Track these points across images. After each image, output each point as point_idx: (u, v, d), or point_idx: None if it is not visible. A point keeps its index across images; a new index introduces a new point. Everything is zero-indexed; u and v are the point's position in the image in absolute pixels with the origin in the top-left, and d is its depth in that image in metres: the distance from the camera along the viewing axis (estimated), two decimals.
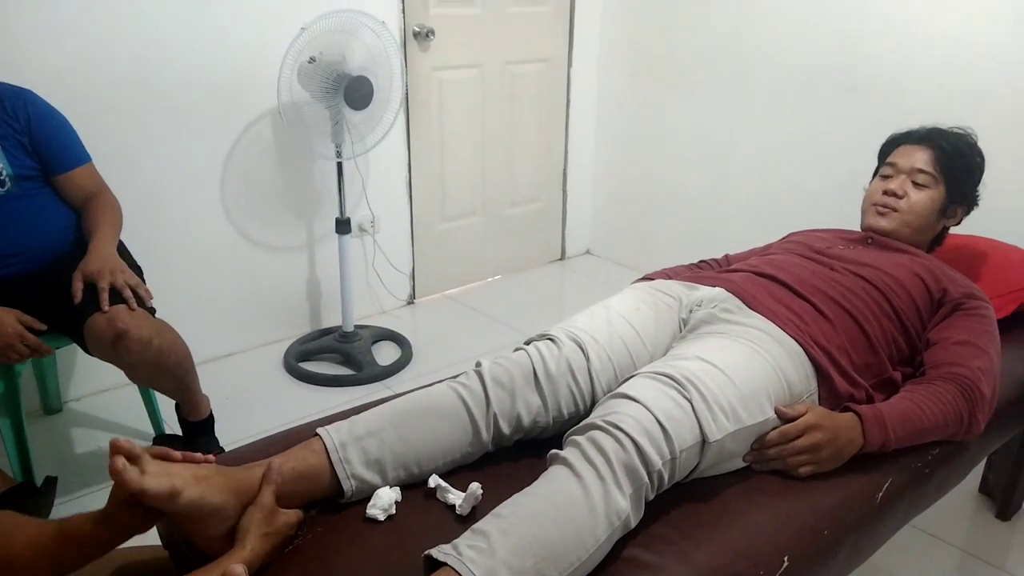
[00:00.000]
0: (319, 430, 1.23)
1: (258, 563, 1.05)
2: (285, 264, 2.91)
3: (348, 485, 1.19)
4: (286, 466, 1.16)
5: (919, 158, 1.75)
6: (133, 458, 1.00)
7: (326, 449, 1.20)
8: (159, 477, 1.01)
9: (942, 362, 1.46)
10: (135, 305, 1.77)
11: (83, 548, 1.04)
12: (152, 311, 1.84)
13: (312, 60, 2.38)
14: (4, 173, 1.84)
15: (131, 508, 1.03)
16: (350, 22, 2.40)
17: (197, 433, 2.07)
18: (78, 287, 1.76)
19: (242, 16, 2.53)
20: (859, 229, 1.83)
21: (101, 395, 2.55)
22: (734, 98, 3.14)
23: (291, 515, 1.13)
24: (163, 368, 1.85)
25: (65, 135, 1.96)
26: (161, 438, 2.16)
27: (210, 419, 2.10)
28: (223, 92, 2.58)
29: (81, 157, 1.98)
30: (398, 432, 1.24)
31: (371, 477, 1.21)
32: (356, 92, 2.41)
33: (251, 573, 1.02)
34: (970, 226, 1.89)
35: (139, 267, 1.99)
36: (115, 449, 0.99)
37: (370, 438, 1.22)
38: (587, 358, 1.37)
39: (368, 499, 1.21)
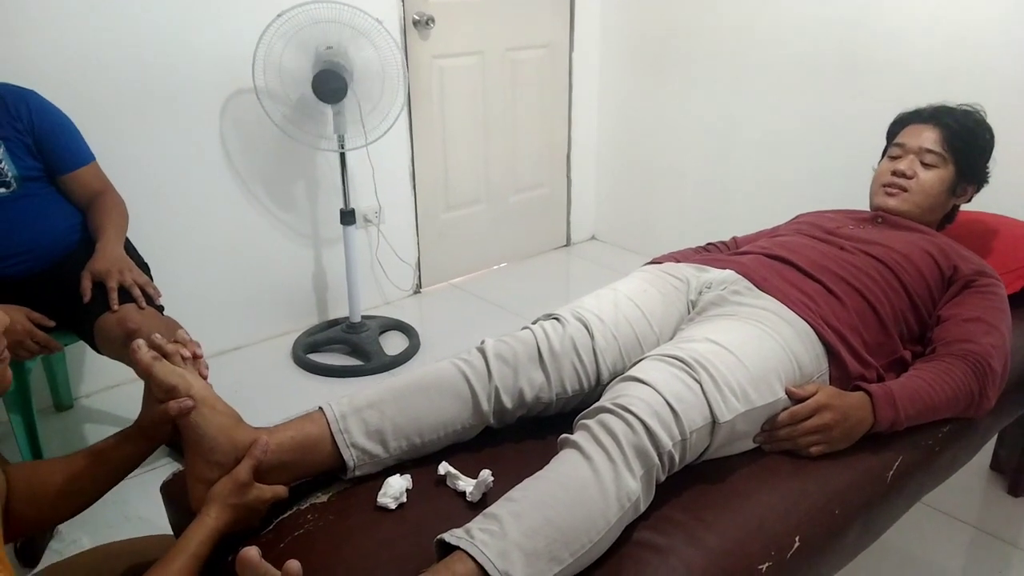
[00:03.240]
0: (321, 404, 1.25)
1: (221, 532, 1.06)
2: (291, 256, 2.91)
3: (348, 455, 1.20)
4: (285, 435, 1.18)
5: (927, 138, 1.73)
6: (161, 351, 1.11)
7: (327, 421, 1.22)
8: (171, 371, 1.09)
9: (952, 339, 1.45)
10: (144, 304, 1.78)
11: (114, 464, 1.12)
12: (161, 309, 1.85)
13: (329, 48, 2.37)
14: (9, 174, 1.84)
15: (156, 420, 1.09)
16: (331, 12, 2.38)
17: None
18: (87, 286, 1.77)
19: (242, 9, 2.52)
20: (868, 209, 1.82)
21: (111, 391, 2.56)
22: (737, 80, 3.12)
23: (266, 491, 1.13)
24: None
25: (69, 135, 1.96)
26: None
27: None
28: (225, 86, 2.57)
29: (85, 157, 1.98)
30: (398, 404, 1.25)
31: (372, 447, 1.22)
32: (325, 86, 2.36)
33: (214, 541, 1.05)
34: (980, 202, 1.87)
35: (146, 264, 1.99)
36: (150, 341, 1.08)
37: (370, 409, 1.24)
38: (592, 336, 1.37)
39: (378, 487, 1.21)
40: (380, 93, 2.49)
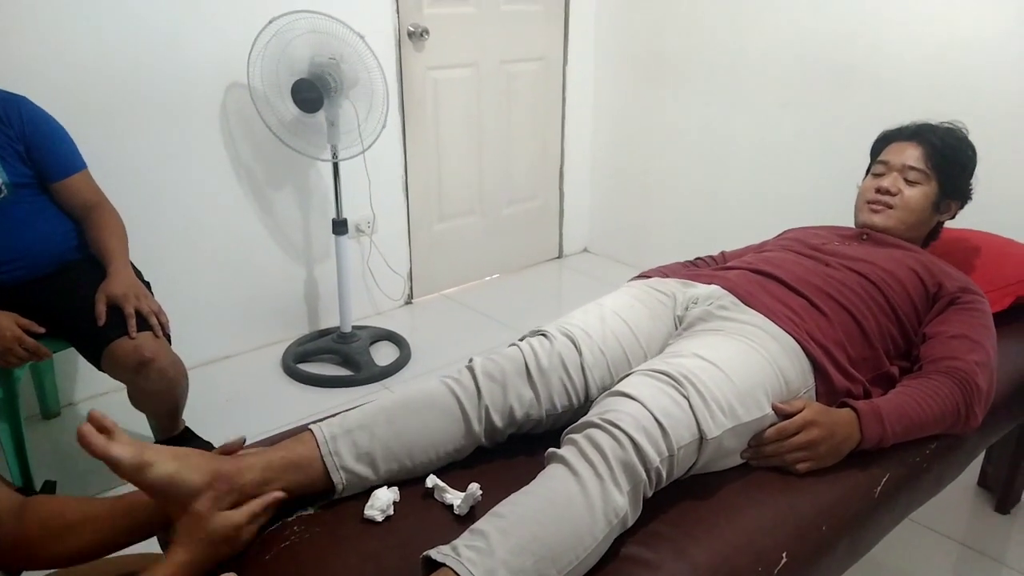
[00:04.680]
0: (311, 425, 1.24)
1: (196, 567, 1.03)
2: (283, 265, 2.91)
3: (338, 477, 1.20)
4: (275, 455, 1.17)
5: (910, 155, 1.75)
6: (104, 429, 1.01)
7: (316, 443, 1.21)
8: (127, 446, 1.02)
9: (938, 356, 1.46)
10: (160, 333, 1.81)
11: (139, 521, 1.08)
12: (169, 339, 1.86)
13: (332, 59, 2.39)
14: (0, 180, 1.83)
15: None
16: (319, 23, 2.40)
17: (181, 442, 2.08)
18: (102, 310, 1.79)
19: (235, 17, 2.52)
20: (853, 226, 1.84)
21: (99, 398, 2.55)
22: (729, 94, 3.14)
23: (235, 515, 1.09)
24: (168, 397, 1.90)
25: (60, 142, 1.96)
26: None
27: (187, 429, 2.11)
28: (218, 95, 2.58)
29: (76, 164, 1.98)
30: (389, 425, 1.25)
31: (361, 470, 1.21)
32: (299, 95, 2.40)
33: None
34: (965, 219, 1.89)
35: (147, 283, 2.00)
36: (90, 418, 1.01)
37: (360, 431, 1.23)
38: (579, 352, 1.38)
39: (366, 499, 1.21)
40: (369, 106, 2.50)
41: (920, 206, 1.74)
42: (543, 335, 1.42)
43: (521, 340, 1.43)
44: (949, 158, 1.74)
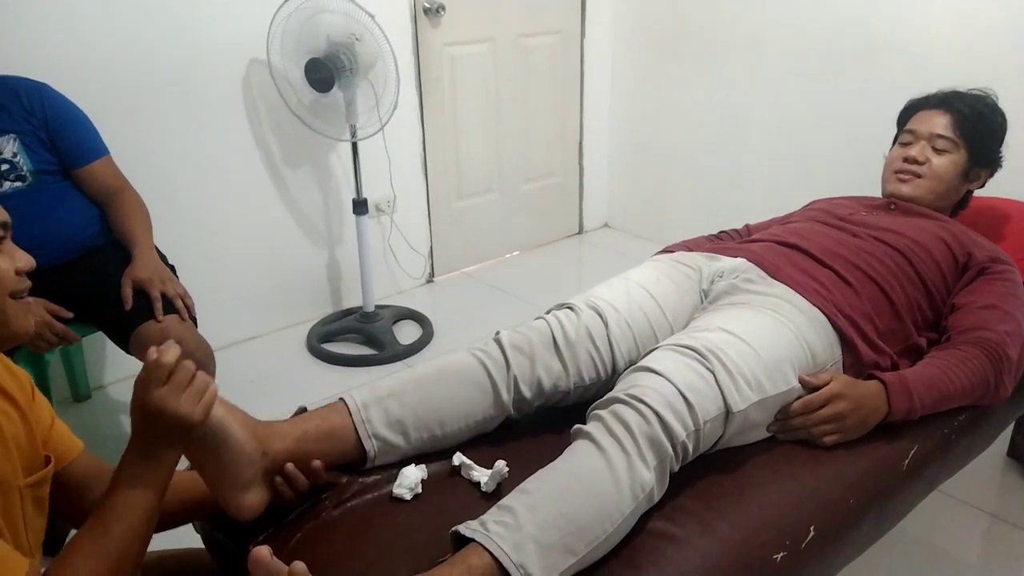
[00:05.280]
0: (343, 395, 1.25)
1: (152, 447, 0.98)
2: (305, 247, 2.93)
3: (370, 445, 1.21)
4: (310, 424, 1.18)
5: (938, 123, 1.72)
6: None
7: (349, 411, 1.22)
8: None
9: (968, 327, 1.44)
10: (186, 316, 1.82)
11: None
12: (195, 321, 1.88)
13: (356, 37, 2.38)
14: (25, 168, 1.85)
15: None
16: (332, 2, 2.39)
17: None
18: (128, 293, 1.81)
19: (255, 1, 2.52)
20: (880, 196, 1.81)
21: (129, 381, 2.58)
22: (750, 66, 3.10)
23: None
24: None
25: (82, 129, 1.97)
26: None
27: None
28: (236, 76, 2.58)
29: (98, 150, 1.99)
30: (419, 394, 1.26)
31: (393, 437, 1.22)
32: (312, 75, 2.40)
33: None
34: (993, 187, 1.85)
35: (172, 266, 2.02)
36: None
37: (391, 399, 1.24)
38: (606, 325, 1.38)
39: (394, 478, 1.22)
40: (383, 86, 2.49)
41: (949, 175, 1.71)
42: (569, 308, 1.42)
43: (547, 313, 1.43)
44: (978, 125, 1.70)
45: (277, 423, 1.17)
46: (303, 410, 1.28)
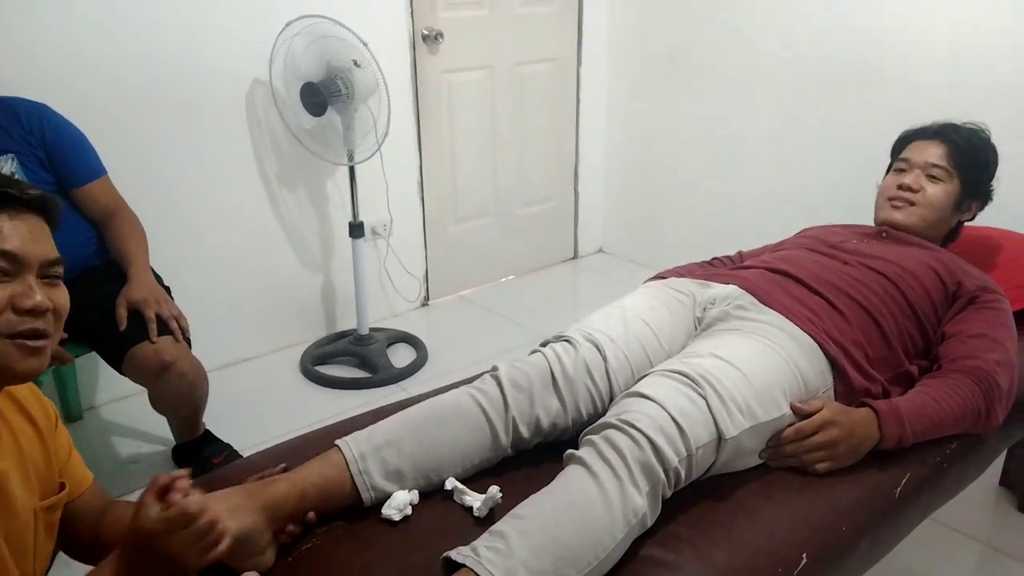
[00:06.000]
0: (338, 442, 1.23)
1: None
2: (301, 269, 2.93)
3: (368, 496, 1.20)
4: (307, 482, 1.16)
5: (933, 153, 1.74)
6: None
7: (345, 461, 1.21)
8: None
9: (958, 356, 1.45)
10: (180, 338, 1.82)
11: None
12: (189, 343, 1.88)
13: (356, 63, 2.41)
14: None
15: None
16: (323, 28, 2.41)
17: (201, 444, 2.10)
18: (123, 314, 1.81)
19: (252, 20, 2.54)
20: (873, 224, 1.83)
21: (121, 402, 2.58)
22: (745, 93, 3.13)
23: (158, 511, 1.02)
24: (188, 400, 1.92)
25: (80, 149, 1.98)
26: (178, 448, 2.19)
27: (207, 432, 2.14)
28: (234, 99, 2.60)
29: (96, 171, 2.00)
30: (417, 440, 1.25)
31: (390, 487, 1.21)
32: (306, 99, 2.44)
33: None
34: (984, 217, 1.87)
35: (167, 288, 2.02)
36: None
37: (389, 448, 1.23)
38: (604, 358, 1.38)
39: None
40: (379, 111, 2.51)
41: (942, 204, 1.73)
42: (567, 341, 1.41)
43: (544, 345, 1.43)
44: (972, 157, 1.73)
45: (278, 486, 1.14)
46: (285, 469, 1.23)
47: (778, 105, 3.03)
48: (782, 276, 1.56)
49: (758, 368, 1.29)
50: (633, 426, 1.14)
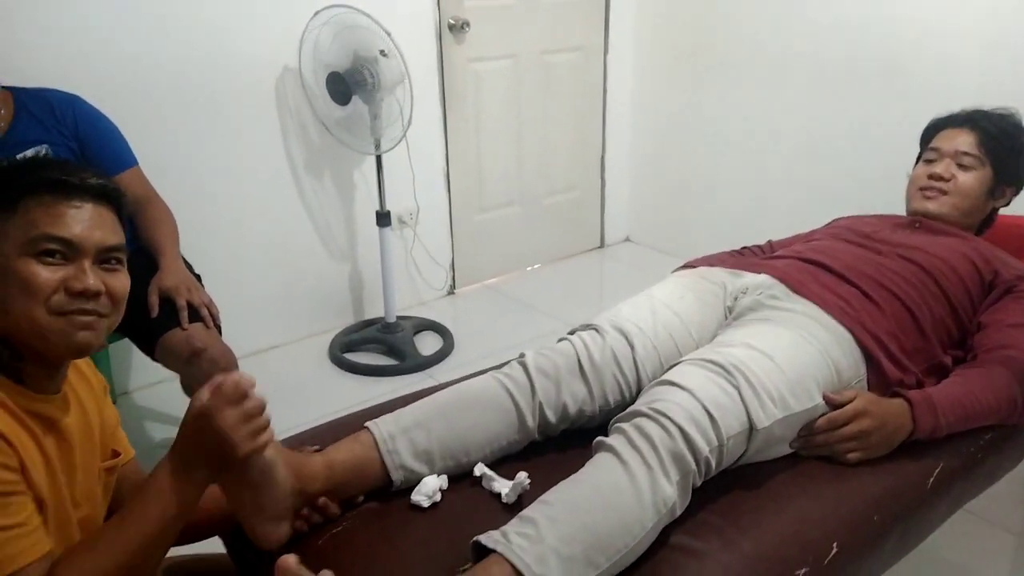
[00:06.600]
0: (367, 424, 1.25)
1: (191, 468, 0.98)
2: (329, 257, 2.95)
3: (397, 476, 1.21)
4: (337, 459, 1.18)
5: (963, 141, 1.71)
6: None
7: (375, 441, 1.22)
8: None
9: (994, 345, 1.43)
10: (211, 324, 1.85)
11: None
12: (219, 329, 1.90)
13: (383, 53, 2.41)
14: None
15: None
16: (350, 18, 2.42)
17: None
18: (154, 301, 1.84)
19: (281, 8, 2.56)
20: (905, 215, 1.80)
21: (154, 387, 2.62)
22: (774, 82, 3.09)
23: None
24: None
25: (112, 139, 2.01)
26: None
27: None
28: (262, 88, 2.62)
29: (127, 161, 2.03)
30: (445, 422, 1.26)
31: (419, 467, 1.23)
32: (332, 88, 2.45)
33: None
34: (1019, 205, 1.84)
35: (198, 275, 2.04)
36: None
37: (417, 429, 1.24)
38: (632, 347, 1.37)
39: (414, 486, 1.23)
40: (405, 101, 2.52)
41: (975, 191, 1.70)
42: (595, 329, 1.41)
43: (571, 334, 1.43)
44: (1004, 143, 1.69)
45: (311, 460, 1.16)
46: (317, 450, 1.24)
47: (807, 93, 2.99)
48: (815, 266, 1.54)
49: (791, 358, 1.28)
50: (664, 415, 1.13)
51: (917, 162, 1.83)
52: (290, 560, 0.91)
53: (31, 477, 0.89)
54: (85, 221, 0.95)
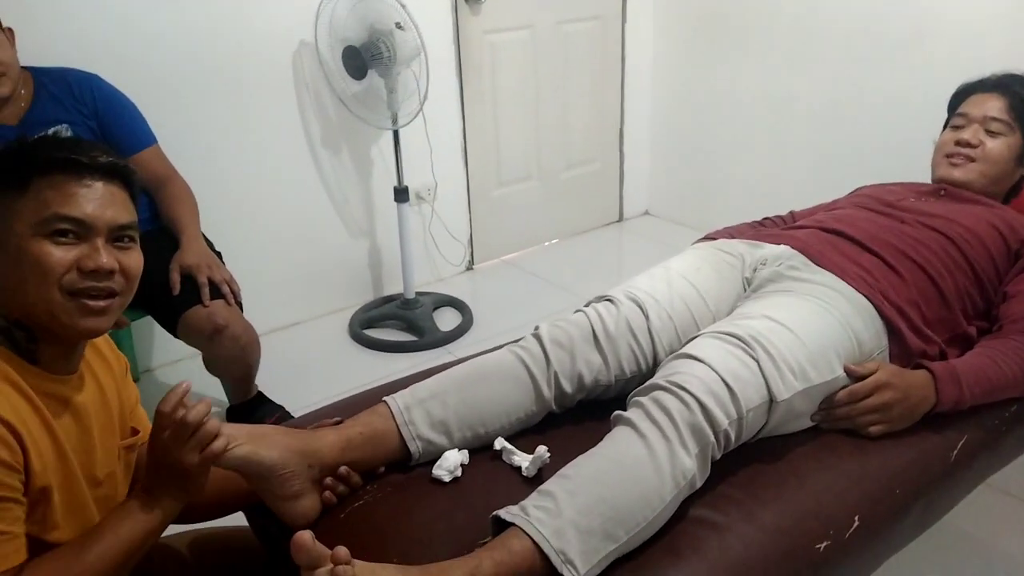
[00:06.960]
0: (385, 397, 1.26)
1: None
2: (347, 234, 2.96)
3: (415, 447, 1.22)
4: (353, 431, 1.19)
5: (992, 106, 1.67)
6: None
7: (391, 413, 1.23)
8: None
9: (1019, 316, 1.41)
10: (232, 301, 1.86)
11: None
12: (240, 306, 1.92)
13: (399, 26, 2.40)
14: None
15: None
16: None
17: (255, 406, 2.15)
18: (176, 279, 1.86)
19: None
20: (930, 182, 1.77)
21: (176, 364, 2.65)
22: (794, 50, 3.04)
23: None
24: (241, 362, 1.96)
25: (131, 118, 2.02)
26: (232, 409, 2.24)
27: (259, 394, 2.17)
28: (279, 65, 2.61)
29: (147, 139, 2.04)
30: (460, 394, 1.26)
31: (436, 438, 1.23)
32: (348, 62, 2.44)
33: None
34: None
35: (219, 252, 2.06)
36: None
37: (433, 400, 1.25)
38: (647, 317, 1.37)
39: (435, 461, 1.23)
40: (421, 74, 2.50)
41: (1003, 158, 1.66)
42: (609, 300, 1.41)
43: (586, 306, 1.43)
44: None
45: (325, 434, 1.17)
46: (338, 422, 1.26)
47: (829, 61, 2.93)
48: (836, 236, 1.52)
49: (811, 329, 1.26)
50: (682, 387, 1.13)
51: (944, 128, 1.79)
52: (305, 536, 0.92)
53: (34, 465, 0.89)
54: (96, 200, 0.95)
